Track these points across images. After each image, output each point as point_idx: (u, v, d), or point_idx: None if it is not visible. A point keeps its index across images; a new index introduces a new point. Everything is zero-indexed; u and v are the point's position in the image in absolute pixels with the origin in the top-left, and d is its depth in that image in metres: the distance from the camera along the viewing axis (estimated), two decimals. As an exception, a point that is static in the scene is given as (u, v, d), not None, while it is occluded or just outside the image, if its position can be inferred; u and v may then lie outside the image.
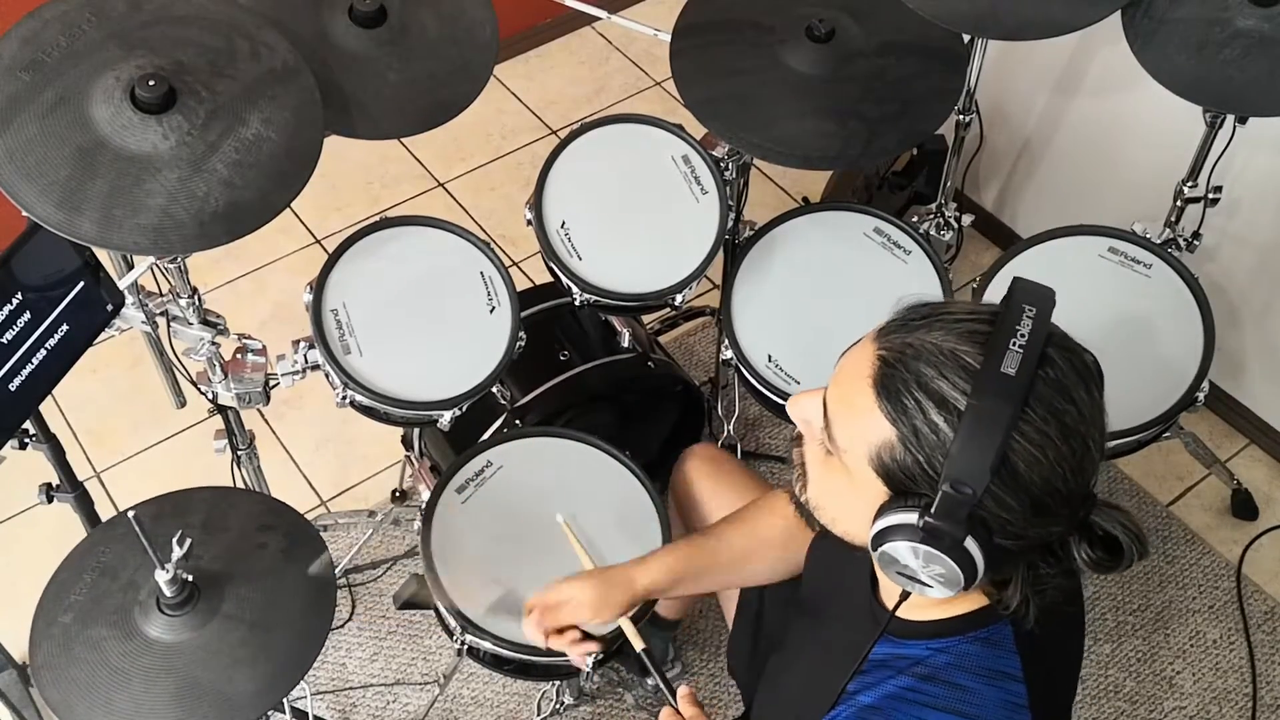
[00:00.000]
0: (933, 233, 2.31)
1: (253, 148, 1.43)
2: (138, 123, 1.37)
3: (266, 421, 2.50)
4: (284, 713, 1.78)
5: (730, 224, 1.93)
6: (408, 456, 2.22)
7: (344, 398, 1.74)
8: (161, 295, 1.69)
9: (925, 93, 1.81)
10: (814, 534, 1.39)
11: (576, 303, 1.87)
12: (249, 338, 1.77)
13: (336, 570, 2.12)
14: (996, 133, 2.66)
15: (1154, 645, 2.24)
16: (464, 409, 1.75)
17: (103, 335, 1.57)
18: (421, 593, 1.79)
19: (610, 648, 1.55)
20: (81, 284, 1.48)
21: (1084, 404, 0.94)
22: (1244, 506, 2.40)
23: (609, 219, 1.89)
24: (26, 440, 1.62)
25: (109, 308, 1.55)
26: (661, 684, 1.37)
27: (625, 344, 2.11)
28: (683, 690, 1.32)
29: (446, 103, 1.68)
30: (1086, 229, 1.95)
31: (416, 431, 2.11)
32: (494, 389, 1.84)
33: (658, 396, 2.20)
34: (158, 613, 1.41)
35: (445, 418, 1.74)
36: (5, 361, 1.40)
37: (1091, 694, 2.17)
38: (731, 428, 2.33)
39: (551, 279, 1.93)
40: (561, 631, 1.45)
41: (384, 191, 2.94)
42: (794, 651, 1.37)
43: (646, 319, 2.35)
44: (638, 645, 1.43)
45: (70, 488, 1.76)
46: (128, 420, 2.52)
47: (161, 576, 1.36)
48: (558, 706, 2.11)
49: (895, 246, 1.96)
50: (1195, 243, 2.06)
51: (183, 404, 2.16)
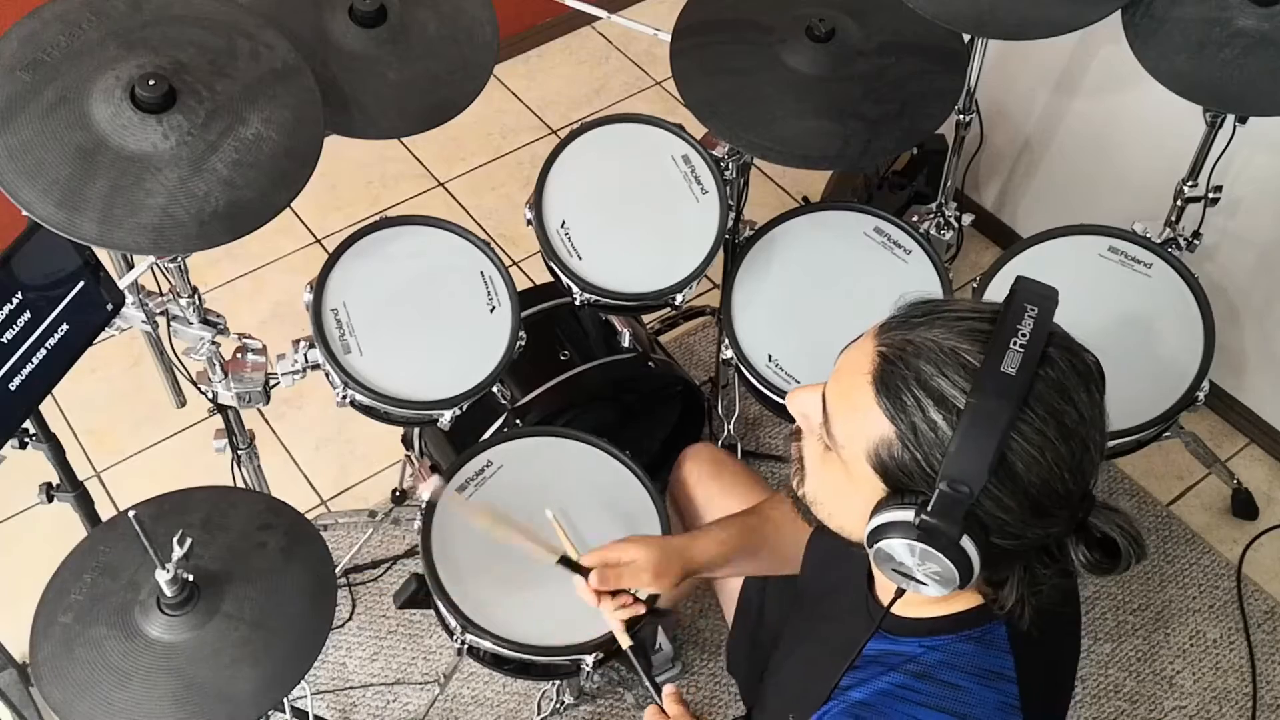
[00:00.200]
0: (933, 232, 2.32)
1: (253, 147, 1.43)
2: (138, 122, 1.37)
3: (266, 421, 2.50)
4: (284, 712, 1.78)
5: (730, 224, 1.93)
6: (408, 456, 2.22)
7: (344, 397, 1.74)
8: (161, 295, 1.69)
9: (925, 93, 1.81)
10: (810, 527, 1.39)
11: (576, 302, 1.87)
12: (249, 337, 1.77)
13: (337, 570, 2.12)
14: (996, 133, 2.66)
15: (1154, 645, 2.24)
16: (464, 409, 1.75)
17: (103, 335, 1.57)
18: (421, 592, 1.79)
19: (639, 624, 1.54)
20: (81, 284, 1.48)
21: (1084, 405, 0.94)
22: (1244, 506, 2.40)
23: (609, 219, 1.89)
24: (26, 440, 1.62)
25: (109, 307, 1.55)
26: (647, 682, 1.37)
27: (625, 344, 2.11)
28: (668, 689, 1.32)
29: (446, 103, 1.68)
30: (1086, 229, 1.95)
31: (416, 431, 2.11)
32: (494, 389, 1.84)
33: (658, 396, 2.20)
34: (158, 612, 1.41)
35: (445, 417, 1.74)
36: (5, 361, 1.40)
37: (1091, 694, 2.17)
38: (731, 427, 2.33)
39: (551, 279, 1.93)
40: (615, 594, 1.41)
41: (384, 191, 2.94)
42: (791, 647, 1.37)
43: (646, 319, 2.35)
44: (625, 642, 1.42)
45: (70, 487, 1.76)
46: (128, 420, 2.51)
47: (162, 576, 1.36)
48: (558, 706, 2.11)
49: (895, 246, 1.96)
50: (1195, 242, 2.06)
51: (183, 404, 2.16)
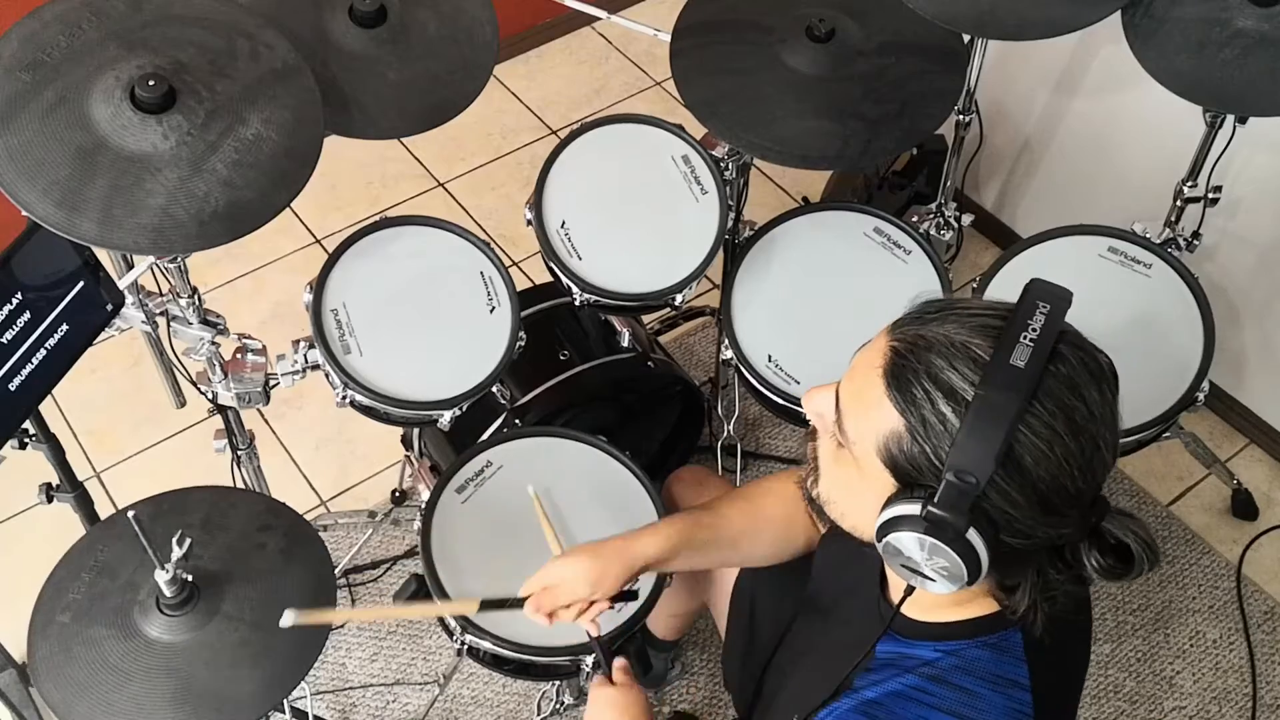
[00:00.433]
0: (933, 233, 2.32)
1: (253, 147, 1.43)
2: (138, 122, 1.37)
3: (266, 421, 2.50)
4: (284, 713, 1.78)
5: (730, 224, 1.93)
6: (408, 456, 2.22)
7: (344, 398, 1.74)
8: (161, 295, 1.69)
9: (925, 93, 1.81)
10: (823, 529, 1.39)
11: (576, 303, 1.86)
12: (249, 337, 1.77)
13: (336, 571, 2.12)
14: (996, 133, 2.66)
15: (1154, 645, 2.24)
16: (464, 409, 1.75)
17: (103, 335, 1.57)
18: (421, 592, 1.78)
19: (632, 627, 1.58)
20: (81, 284, 1.48)
21: (1094, 403, 0.94)
22: (1244, 506, 2.40)
23: (609, 219, 1.89)
24: (26, 440, 1.62)
25: (109, 308, 1.55)
26: (601, 656, 1.43)
27: (625, 344, 2.11)
28: (619, 662, 1.37)
29: (446, 103, 1.68)
30: (1086, 229, 1.95)
31: (416, 431, 2.11)
32: (494, 389, 1.84)
33: (658, 396, 2.20)
34: (157, 613, 1.41)
35: (445, 418, 1.74)
36: (5, 361, 1.40)
37: (1091, 694, 2.17)
38: (731, 428, 2.33)
39: (551, 279, 1.93)
40: (568, 607, 1.41)
41: (384, 191, 2.94)
42: (800, 650, 1.36)
43: (646, 319, 2.35)
44: (594, 631, 1.43)
45: (70, 488, 1.76)
46: (128, 420, 2.51)
47: (161, 576, 1.36)
48: (558, 706, 2.11)
49: (895, 246, 1.96)
50: (1195, 242, 2.06)
51: (183, 404, 2.16)
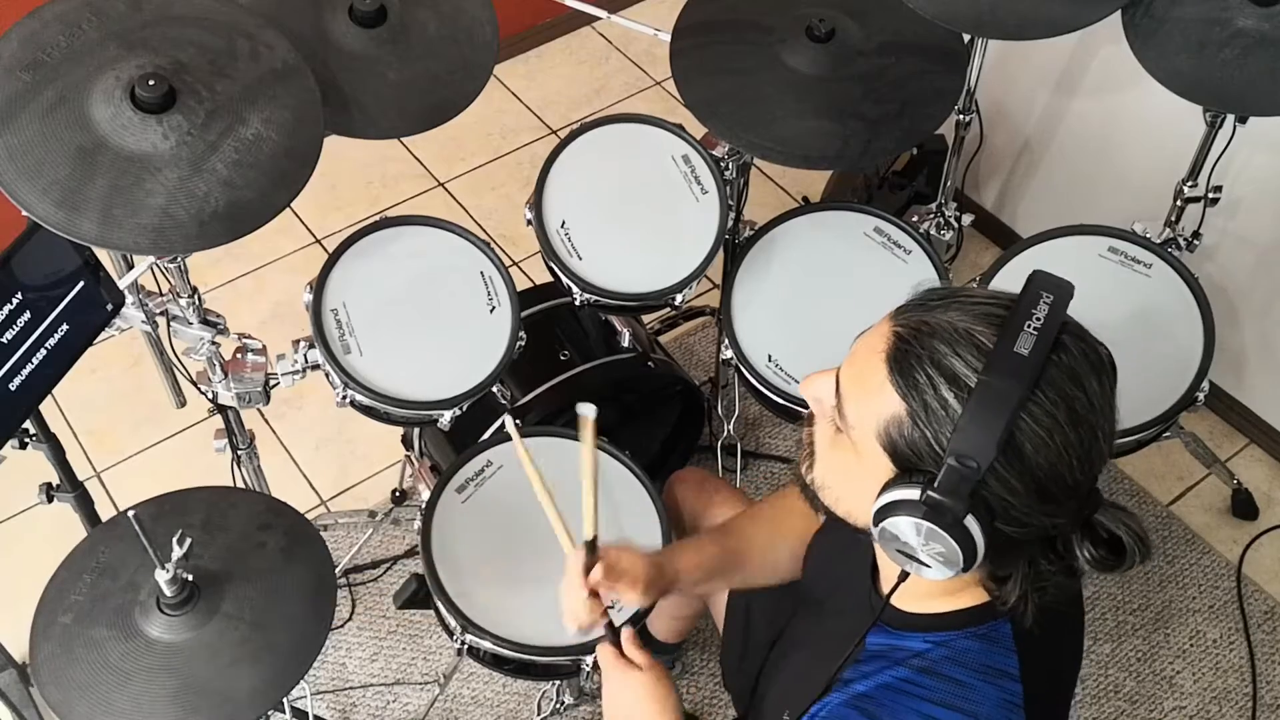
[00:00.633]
0: (933, 232, 2.31)
1: (253, 147, 1.42)
2: (138, 122, 1.37)
3: (266, 421, 2.50)
4: (284, 712, 1.78)
5: (730, 224, 1.93)
6: (408, 456, 2.22)
7: (344, 397, 1.74)
8: (161, 295, 1.69)
9: (925, 93, 1.81)
10: (820, 522, 1.39)
11: (576, 303, 1.86)
12: (249, 337, 1.77)
13: (336, 570, 2.12)
14: (996, 133, 2.66)
15: (1154, 645, 2.24)
16: (464, 409, 1.75)
17: (103, 335, 1.57)
18: (421, 592, 1.79)
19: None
20: (81, 284, 1.48)
21: (1095, 394, 0.95)
22: (1244, 506, 2.40)
23: (609, 219, 1.89)
24: (26, 440, 1.62)
25: (109, 307, 1.55)
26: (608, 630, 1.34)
27: (625, 344, 2.11)
28: (626, 632, 1.30)
29: (446, 103, 1.68)
30: (1086, 229, 1.95)
31: (416, 431, 2.11)
32: (494, 389, 1.84)
33: (658, 396, 2.20)
34: (158, 612, 1.41)
35: (445, 418, 1.74)
36: (5, 361, 1.40)
37: (1091, 694, 2.17)
38: (731, 428, 2.33)
39: (551, 279, 1.93)
40: (596, 598, 1.36)
41: (384, 191, 2.94)
42: (793, 647, 1.37)
43: (646, 319, 2.35)
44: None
45: (70, 488, 1.76)
46: (128, 420, 2.51)
47: (161, 576, 1.36)
48: (558, 706, 2.11)
49: (895, 246, 1.95)
50: (1195, 242, 2.06)
51: (183, 404, 2.16)
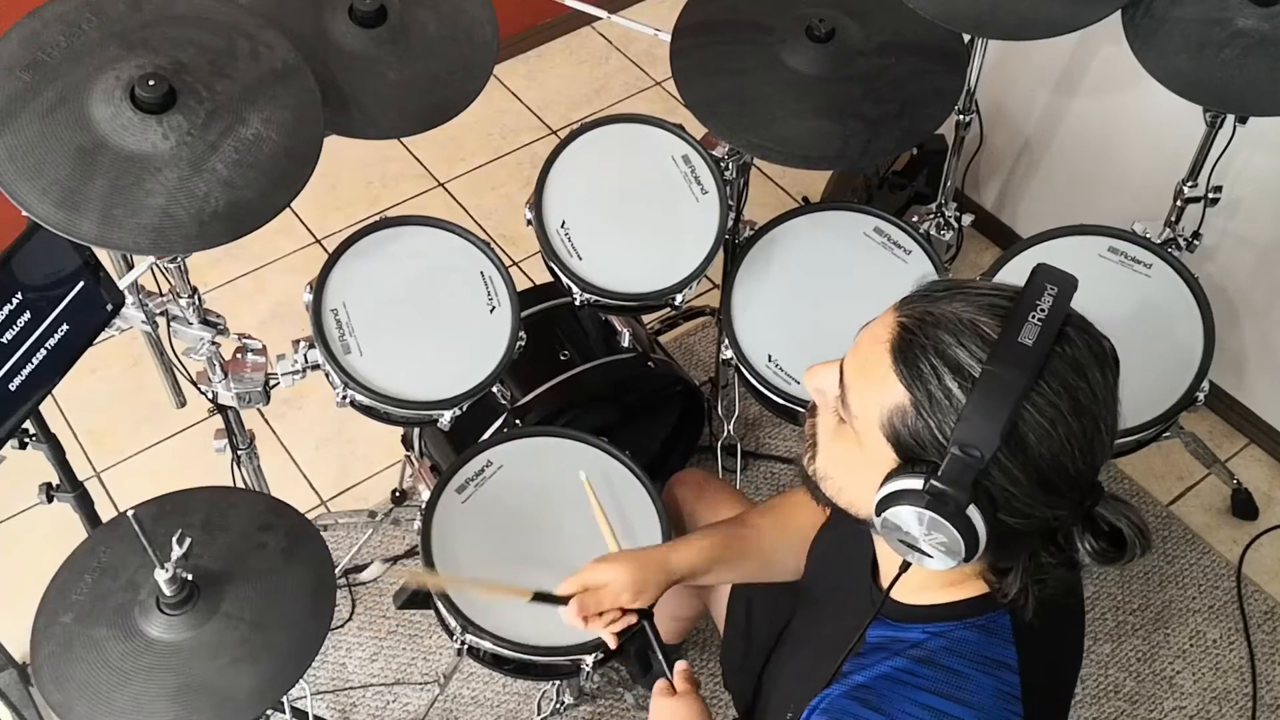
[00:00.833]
0: (933, 233, 2.31)
1: (253, 147, 1.42)
2: (138, 122, 1.37)
3: (266, 421, 2.50)
4: (284, 712, 1.78)
5: (730, 224, 1.93)
6: (408, 456, 2.22)
7: (344, 397, 1.74)
8: (161, 295, 1.69)
9: (925, 93, 1.81)
10: (824, 517, 1.39)
11: (576, 303, 1.87)
12: (249, 337, 1.77)
13: (336, 570, 2.12)
14: (996, 133, 2.66)
15: (1154, 645, 2.24)
16: (464, 409, 1.75)
17: (103, 335, 1.57)
18: (421, 592, 1.79)
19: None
20: (81, 284, 1.48)
21: (1098, 385, 0.95)
22: (1244, 506, 2.40)
23: (609, 219, 1.89)
24: (26, 440, 1.62)
25: (109, 308, 1.55)
26: (661, 658, 1.37)
27: (625, 344, 2.11)
28: (680, 665, 1.33)
29: (446, 103, 1.68)
30: (1086, 229, 1.95)
31: (416, 431, 2.11)
32: (494, 389, 1.84)
33: (658, 396, 2.20)
34: (158, 612, 1.41)
35: (445, 418, 1.74)
36: (5, 361, 1.40)
37: (1091, 694, 2.17)
38: (731, 428, 2.33)
39: (551, 279, 1.93)
40: (601, 614, 1.41)
41: (384, 191, 2.94)
42: (794, 646, 1.37)
43: (646, 319, 2.35)
44: (613, 644, 1.42)
45: (70, 488, 1.76)
46: (128, 420, 2.51)
47: (161, 576, 1.36)
48: (558, 706, 2.11)
49: (895, 246, 1.96)
50: (1195, 242, 2.06)
51: (183, 404, 2.16)
